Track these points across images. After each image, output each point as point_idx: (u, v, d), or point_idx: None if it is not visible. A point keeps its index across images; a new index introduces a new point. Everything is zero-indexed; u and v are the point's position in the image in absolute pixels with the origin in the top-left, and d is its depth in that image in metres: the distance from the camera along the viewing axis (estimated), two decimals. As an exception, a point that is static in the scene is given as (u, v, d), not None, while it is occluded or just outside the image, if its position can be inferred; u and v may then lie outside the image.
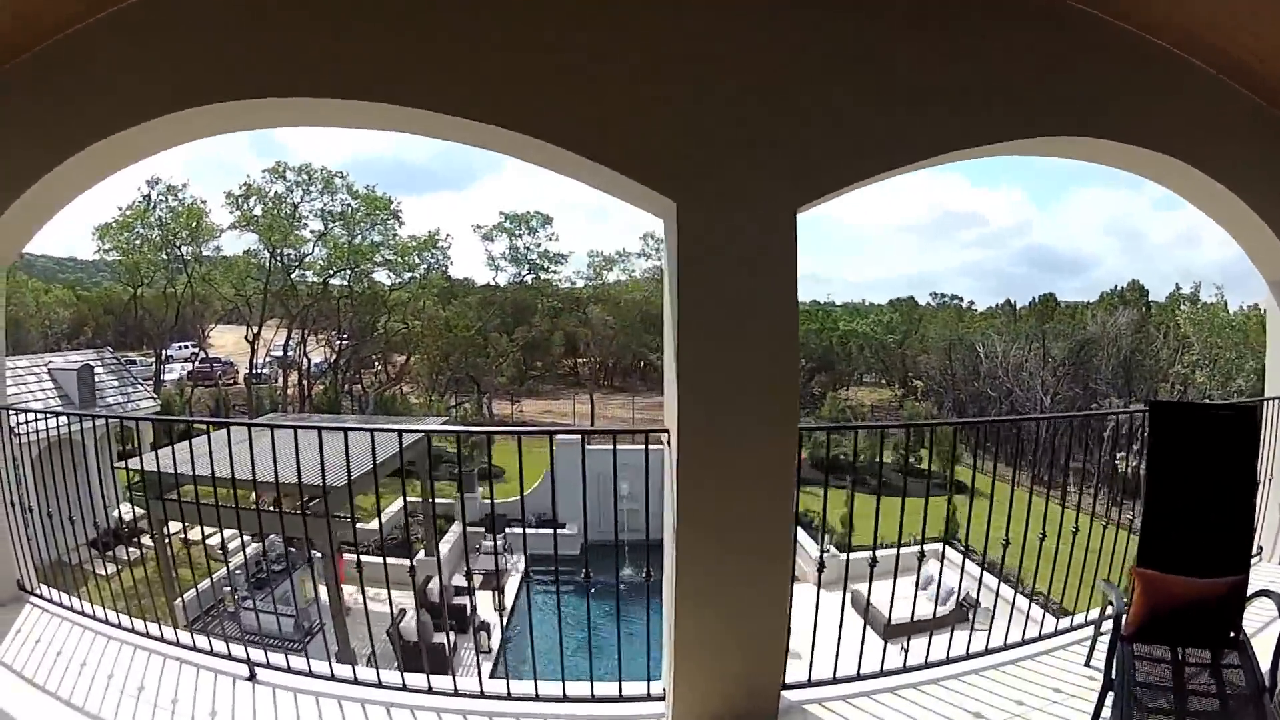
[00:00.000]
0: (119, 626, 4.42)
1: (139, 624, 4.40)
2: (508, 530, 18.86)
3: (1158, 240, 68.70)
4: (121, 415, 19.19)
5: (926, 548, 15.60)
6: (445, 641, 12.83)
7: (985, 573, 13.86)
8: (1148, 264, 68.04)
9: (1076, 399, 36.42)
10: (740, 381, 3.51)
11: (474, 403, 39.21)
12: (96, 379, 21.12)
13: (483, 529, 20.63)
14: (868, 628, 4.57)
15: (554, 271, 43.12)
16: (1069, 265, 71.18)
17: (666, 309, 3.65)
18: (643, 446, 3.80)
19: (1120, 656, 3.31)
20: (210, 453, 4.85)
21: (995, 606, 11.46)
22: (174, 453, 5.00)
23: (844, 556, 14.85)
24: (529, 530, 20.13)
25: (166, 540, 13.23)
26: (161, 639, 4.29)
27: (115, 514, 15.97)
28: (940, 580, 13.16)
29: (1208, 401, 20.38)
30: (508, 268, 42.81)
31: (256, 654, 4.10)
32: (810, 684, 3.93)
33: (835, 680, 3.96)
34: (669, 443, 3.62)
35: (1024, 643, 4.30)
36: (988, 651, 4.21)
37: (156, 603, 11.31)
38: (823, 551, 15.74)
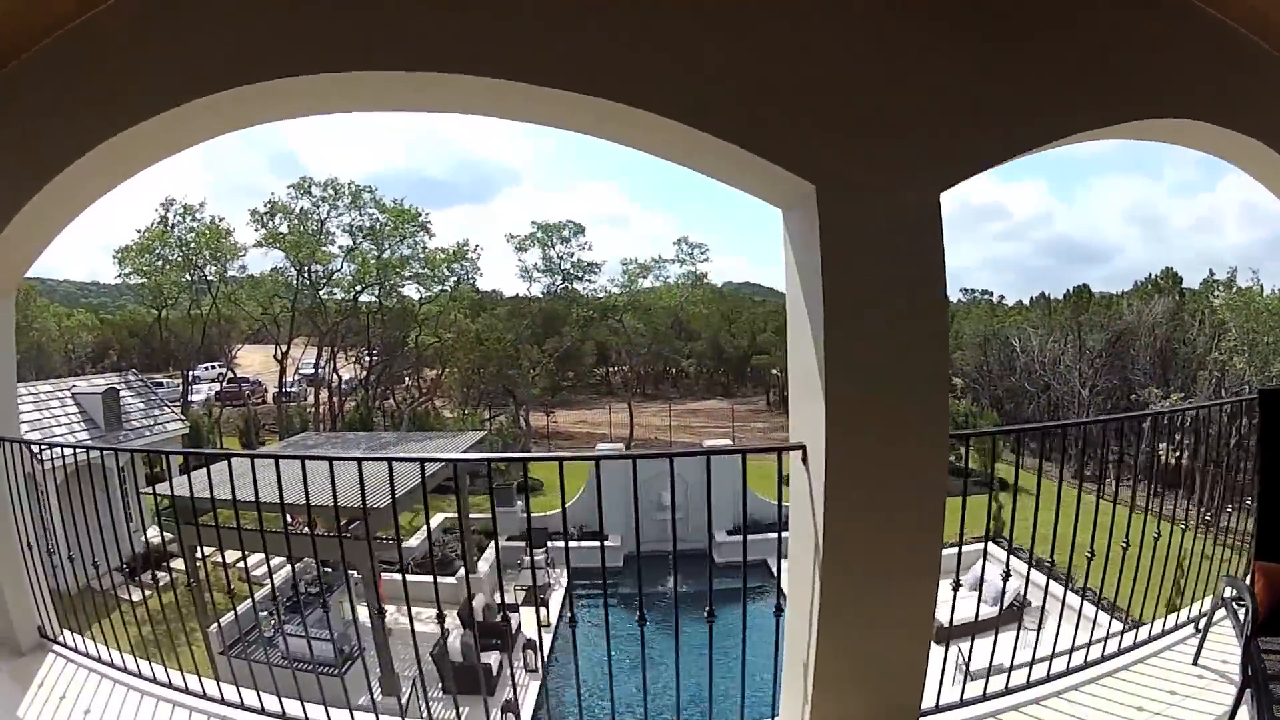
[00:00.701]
0: (153, 680, 3.90)
1: (175, 676, 3.87)
2: (549, 544, 18.36)
3: (1177, 225, 67.83)
4: (144, 449, 18.88)
5: (972, 548, 15.23)
6: (491, 662, 12.39)
7: (1037, 574, 13.45)
8: (1169, 250, 67.39)
9: (1114, 390, 35.91)
10: (891, 385, 3.18)
11: (510, 415, 38.62)
12: (122, 402, 20.82)
13: (524, 543, 20.13)
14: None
15: (588, 281, 42.57)
16: (1091, 255, 70.70)
17: (798, 309, 3.29)
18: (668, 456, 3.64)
19: (1252, 652, 3.28)
20: (254, 472, 4.29)
21: (1062, 611, 10.92)
22: (209, 475, 4.50)
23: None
24: (574, 544, 19.85)
25: (200, 564, 12.82)
26: (203, 695, 3.76)
27: (143, 539, 15.57)
28: (1006, 584, 12.68)
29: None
30: (541, 278, 42.37)
31: (315, 710, 3.52)
32: (938, 709, 3.69)
33: (963, 703, 3.76)
34: (805, 460, 3.28)
35: (1135, 646, 4.23)
36: (1104, 658, 4.09)
37: (188, 628, 10.99)
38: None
